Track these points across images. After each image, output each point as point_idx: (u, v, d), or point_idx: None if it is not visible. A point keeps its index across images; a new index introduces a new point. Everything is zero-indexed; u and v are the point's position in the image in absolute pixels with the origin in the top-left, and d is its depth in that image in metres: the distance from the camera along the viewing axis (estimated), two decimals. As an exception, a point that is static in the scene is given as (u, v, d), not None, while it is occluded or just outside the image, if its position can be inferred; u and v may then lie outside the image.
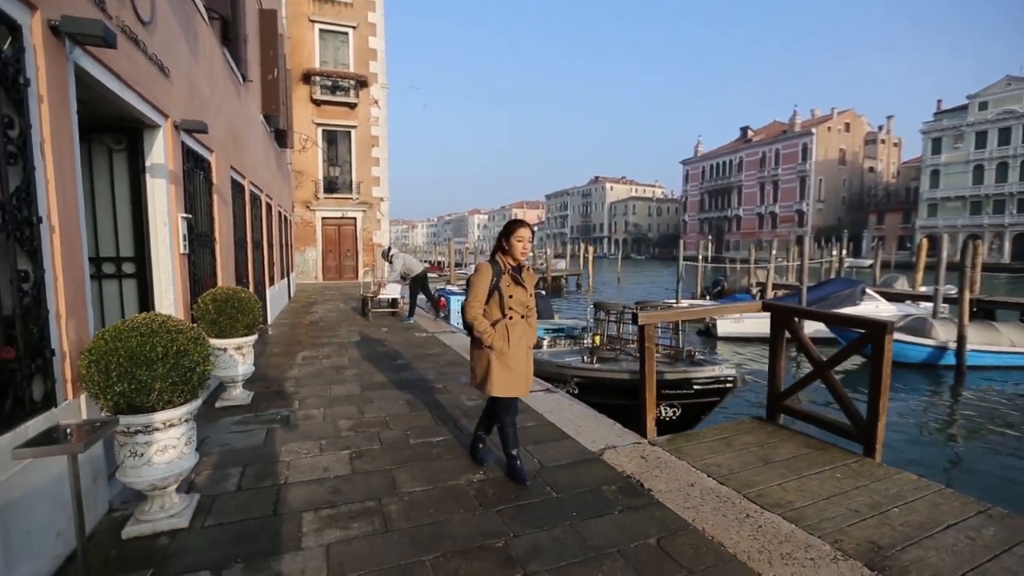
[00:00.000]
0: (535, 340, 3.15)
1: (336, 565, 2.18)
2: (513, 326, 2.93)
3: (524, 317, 3.01)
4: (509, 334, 2.91)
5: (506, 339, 2.90)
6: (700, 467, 3.23)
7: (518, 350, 2.94)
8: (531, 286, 3.03)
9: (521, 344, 2.97)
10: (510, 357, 2.91)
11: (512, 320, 2.94)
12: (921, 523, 2.62)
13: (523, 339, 2.99)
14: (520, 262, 3.00)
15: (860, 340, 3.46)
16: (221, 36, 5.91)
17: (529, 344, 3.05)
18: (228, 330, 4.12)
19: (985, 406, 9.04)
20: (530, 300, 3.03)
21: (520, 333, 2.96)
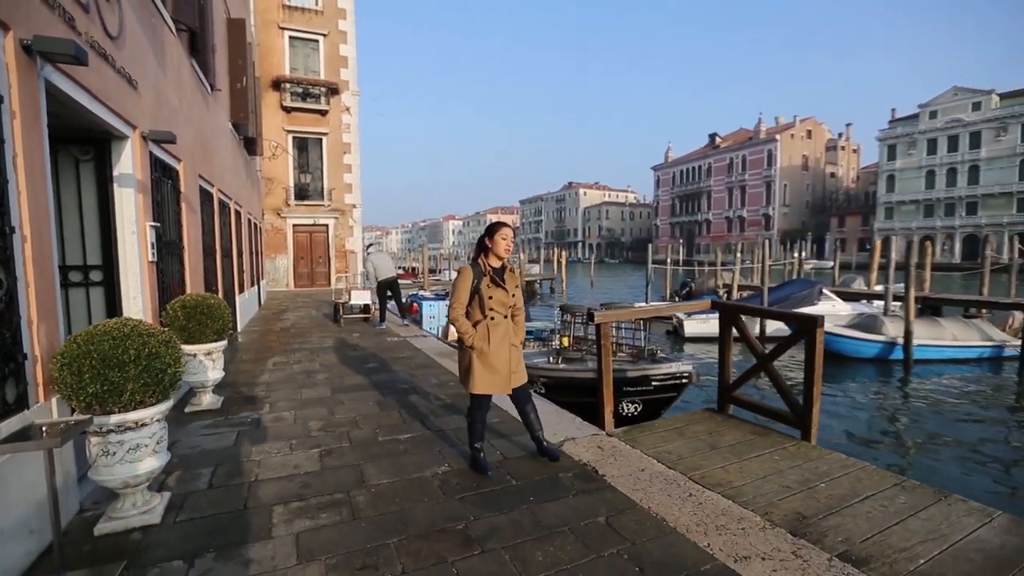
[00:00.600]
0: (522, 338, 3.25)
1: (305, 550, 2.33)
2: (495, 327, 3.03)
3: (507, 317, 3.11)
4: (490, 334, 3.02)
5: (486, 339, 3.01)
6: (652, 454, 3.47)
7: (500, 350, 3.04)
8: (512, 286, 3.12)
9: (504, 344, 3.06)
10: (491, 356, 3.02)
11: (494, 321, 3.04)
12: (843, 495, 2.90)
13: (506, 339, 3.07)
14: (504, 261, 3.12)
15: (796, 334, 3.77)
16: (189, 47, 5.97)
17: (514, 343, 3.13)
18: (198, 336, 4.19)
19: (928, 396, 9.62)
20: (513, 300, 3.11)
21: (502, 333, 3.06)
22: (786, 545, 2.38)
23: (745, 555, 2.30)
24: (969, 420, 8.34)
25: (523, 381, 3.22)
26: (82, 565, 2.21)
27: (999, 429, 8.02)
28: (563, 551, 2.32)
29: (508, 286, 3.08)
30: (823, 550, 2.35)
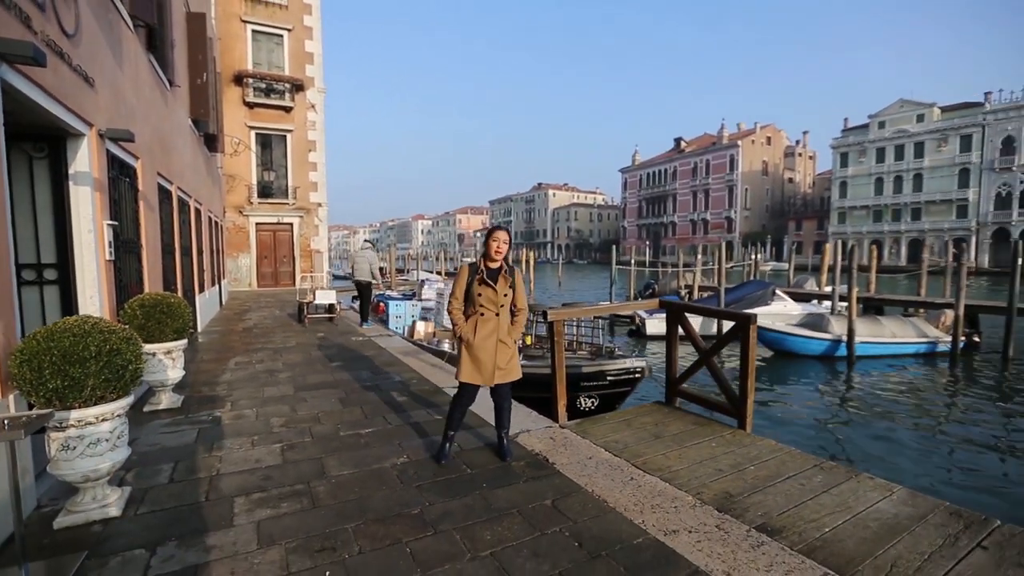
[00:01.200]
0: (516, 336, 3.38)
1: (266, 536, 2.45)
2: (484, 322, 3.24)
3: (498, 315, 3.26)
4: (477, 328, 3.23)
5: (473, 331, 3.23)
6: (600, 443, 3.71)
7: (486, 344, 3.23)
8: (504, 287, 3.26)
9: (491, 339, 3.24)
10: (476, 348, 3.23)
11: (483, 317, 3.24)
12: (768, 476, 3.20)
13: (493, 335, 3.24)
14: (497, 262, 3.27)
15: (732, 331, 4.08)
16: (147, 43, 5.89)
17: (503, 340, 3.28)
18: (157, 335, 4.20)
19: (866, 389, 10.29)
20: (502, 299, 3.25)
21: (490, 329, 3.24)
22: (712, 520, 2.64)
23: (674, 529, 2.54)
24: (899, 409, 8.98)
25: (509, 379, 3.36)
26: (42, 556, 2.27)
27: (925, 418, 8.67)
28: (510, 530, 2.51)
29: (498, 287, 3.24)
30: (743, 523, 2.62)
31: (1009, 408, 9.13)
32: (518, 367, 3.43)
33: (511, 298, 3.33)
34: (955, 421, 8.56)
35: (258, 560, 2.25)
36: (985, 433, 7.89)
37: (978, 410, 9.06)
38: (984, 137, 47.58)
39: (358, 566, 2.21)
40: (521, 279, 3.44)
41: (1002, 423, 8.44)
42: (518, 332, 3.43)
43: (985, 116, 47.54)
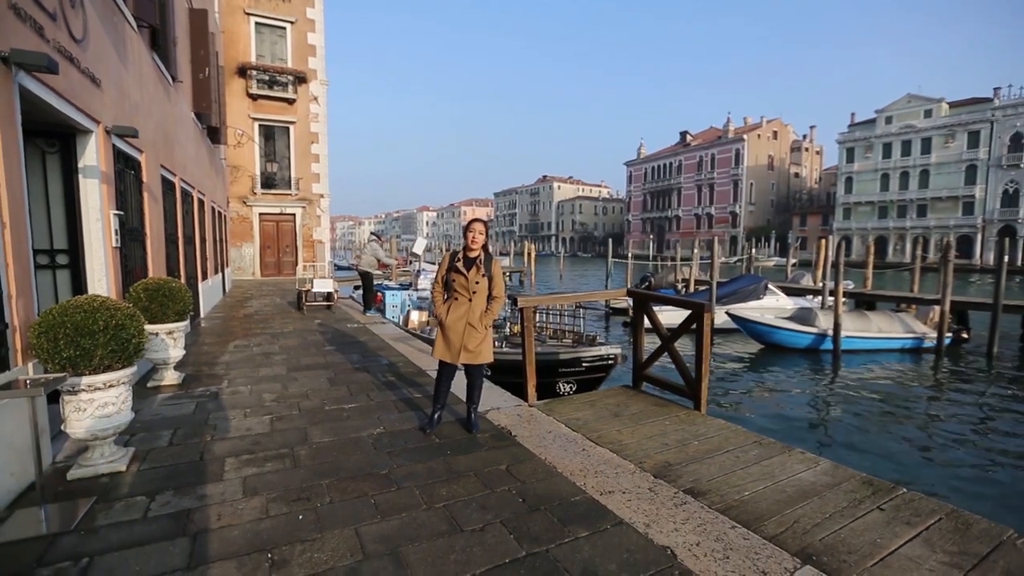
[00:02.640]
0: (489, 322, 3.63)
1: (250, 488, 2.80)
2: (456, 306, 3.58)
3: (471, 300, 3.56)
4: (450, 310, 3.59)
5: (445, 313, 3.59)
6: (562, 420, 4.04)
7: (456, 326, 3.56)
8: (476, 276, 3.55)
9: (460, 322, 3.56)
10: (447, 329, 3.58)
11: (457, 301, 3.59)
12: (708, 450, 3.53)
13: (463, 318, 3.56)
14: (475, 251, 3.57)
15: (689, 319, 4.38)
16: (150, 42, 6.21)
17: (472, 323, 3.56)
18: (160, 316, 4.55)
19: (846, 381, 10.57)
20: (474, 286, 3.54)
21: (461, 313, 3.56)
22: (646, 484, 2.98)
23: (610, 490, 2.88)
24: (872, 400, 9.26)
25: (477, 361, 3.63)
26: (58, 500, 2.64)
27: (895, 409, 8.95)
28: (464, 488, 2.85)
29: (470, 275, 3.55)
30: (674, 487, 2.95)
31: (982, 402, 9.39)
32: (488, 351, 3.67)
33: (484, 285, 3.59)
34: (923, 413, 8.84)
35: (242, 507, 2.61)
36: (949, 424, 8.17)
37: (951, 402, 9.33)
38: (992, 133, 47.20)
39: (327, 512, 2.57)
40: (499, 268, 3.73)
41: (970, 416, 8.71)
42: (490, 318, 3.67)
43: (994, 112, 47.13)
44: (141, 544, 2.27)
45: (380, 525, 2.46)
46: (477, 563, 2.16)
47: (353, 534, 2.37)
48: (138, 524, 2.45)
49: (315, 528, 2.42)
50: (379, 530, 2.41)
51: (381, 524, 2.46)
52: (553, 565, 2.17)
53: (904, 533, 2.53)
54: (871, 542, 2.45)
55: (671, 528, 2.49)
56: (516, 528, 2.45)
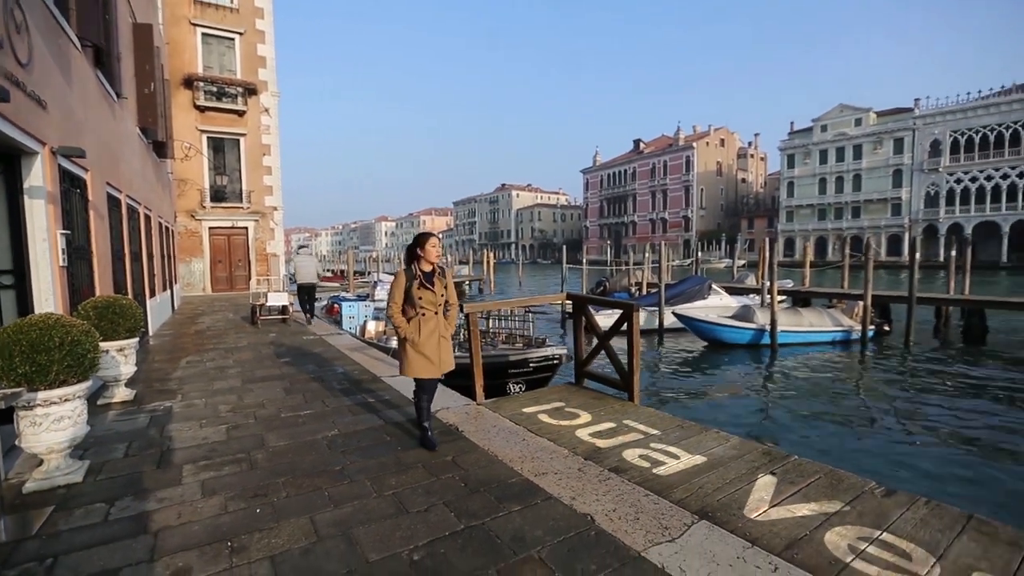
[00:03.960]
0: (452, 330, 3.75)
1: (209, 489, 2.99)
2: (425, 322, 3.56)
3: (437, 313, 3.61)
4: (421, 327, 3.55)
5: (418, 331, 3.55)
6: (507, 416, 4.38)
7: (430, 340, 3.56)
8: (441, 288, 3.63)
9: (433, 336, 3.58)
10: (422, 346, 3.55)
11: (425, 316, 3.56)
12: (636, 435, 3.93)
13: (435, 331, 3.59)
14: (433, 266, 3.63)
15: (620, 318, 4.81)
16: (94, 60, 6.21)
17: (443, 335, 3.65)
18: (110, 333, 4.60)
19: (783, 373, 11.40)
20: (440, 299, 3.61)
21: (432, 327, 3.57)
22: (576, 465, 3.34)
23: (544, 472, 3.22)
24: (802, 387, 10.07)
25: (451, 368, 3.73)
26: (16, 512, 2.75)
27: (824, 393, 9.76)
28: (412, 478, 3.14)
29: (436, 288, 3.60)
30: (600, 467, 3.32)
31: (896, 385, 10.36)
32: (453, 358, 3.81)
33: (446, 297, 3.74)
34: (844, 396, 9.68)
35: (201, 505, 2.80)
36: (864, 406, 9.02)
37: (869, 388, 10.25)
38: (914, 140, 51.16)
39: (284, 504, 2.80)
40: (451, 277, 3.94)
41: (884, 397, 9.61)
42: (453, 325, 3.89)
43: (915, 121, 51.13)
44: (104, 543, 2.44)
45: (333, 512, 2.71)
46: (420, 537, 2.46)
47: (308, 521, 2.62)
48: (99, 527, 2.60)
49: (272, 519, 2.65)
50: (332, 517, 2.66)
51: (334, 512, 2.72)
52: (487, 534, 2.49)
53: (787, 491, 2.99)
54: (759, 499, 2.89)
55: (593, 499, 2.85)
56: (457, 508, 2.75)
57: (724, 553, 2.33)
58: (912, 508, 2.79)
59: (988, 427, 7.78)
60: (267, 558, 2.30)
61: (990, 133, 46.53)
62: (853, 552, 2.39)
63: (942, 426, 7.86)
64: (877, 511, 2.76)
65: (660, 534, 2.49)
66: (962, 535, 2.53)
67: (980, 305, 14.22)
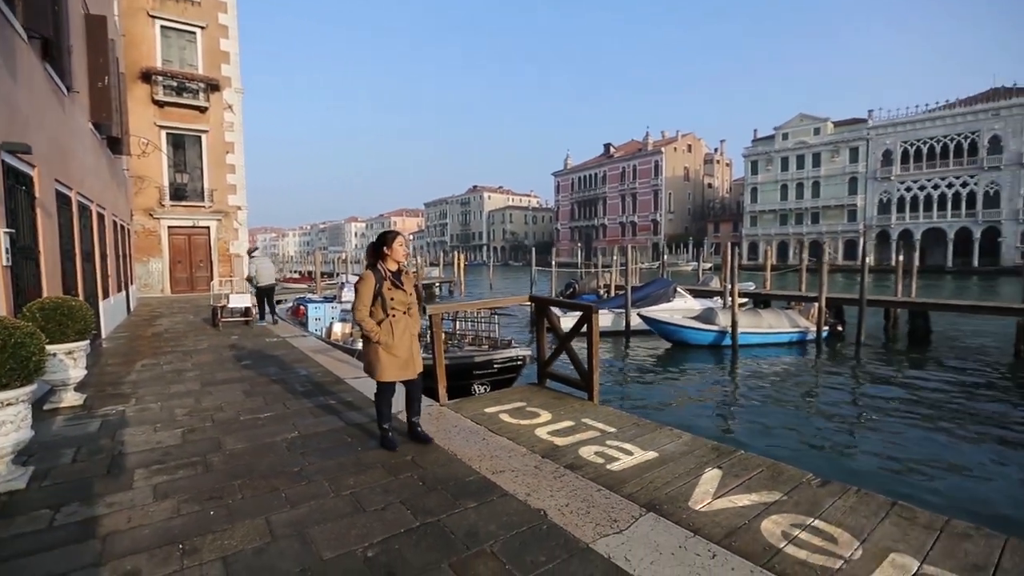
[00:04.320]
0: (418, 329, 3.72)
1: (161, 493, 2.95)
2: (396, 322, 3.49)
3: (406, 313, 3.57)
4: (393, 329, 3.47)
5: (391, 334, 3.46)
6: (468, 416, 4.44)
7: (402, 341, 3.50)
8: (410, 287, 3.59)
9: (405, 336, 3.53)
10: (395, 348, 3.47)
11: (395, 318, 3.49)
12: (592, 433, 4.05)
13: (407, 331, 3.55)
14: (400, 264, 3.56)
15: (580, 320, 4.94)
16: (42, 53, 5.98)
17: (413, 334, 3.61)
18: (58, 336, 4.44)
19: (743, 373, 11.82)
20: (410, 299, 3.57)
21: (403, 327, 3.52)
22: (533, 463, 3.43)
23: (501, 470, 3.30)
24: (760, 385, 10.47)
25: (421, 369, 3.71)
26: (-48, 520, 2.65)
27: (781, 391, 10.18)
28: (371, 477, 3.16)
29: (406, 287, 3.54)
30: (556, 464, 3.42)
31: (844, 382, 10.89)
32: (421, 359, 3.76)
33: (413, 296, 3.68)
34: (798, 393, 10.12)
35: (153, 509, 2.77)
36: (815, 403, 9.46)
37: (826, 386, 10.74)
38: (868, 149, 53.65)
39: (239, 506, 2.79)
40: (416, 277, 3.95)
41: (836, 393, 10.09)
42: (418, 325, 3.85)
43: (868, 131, 53.64)
44: (49, 549, 2.39)
45: (289, 513, 2.72)
46: (375, 535, 2.50)
47: (263, 522, 2.62)
48: (44, 533, 2.54)
49: (226, 521, 2.64)
50: (288, 517, 2.67)
51: (290, 512, 2.73)
52: (441, 530, 2.54)
53: (731, 483, 3.15)
54: (704, 491, 3.04)
55: (547, 495, 2.95)
56: (414, 505, 2.80)
57: (667, 543, 2.46)
58: (843, 496, 2.99)
59: (925, 421, 8.27)
60: (219, 559, 2.30)
61: (936, 144, 49.25)
62: (786, 538, 2.55)
63: (884, 420, 8.32)
64: (812, 500, 2.94)
65: (609, 526, 2.60)
66: (885, 520, 2.73)
67: (924, 307, 15.05)
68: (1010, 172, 45.49)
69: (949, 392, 10.02)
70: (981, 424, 8.14)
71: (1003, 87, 48.28)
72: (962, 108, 48.48)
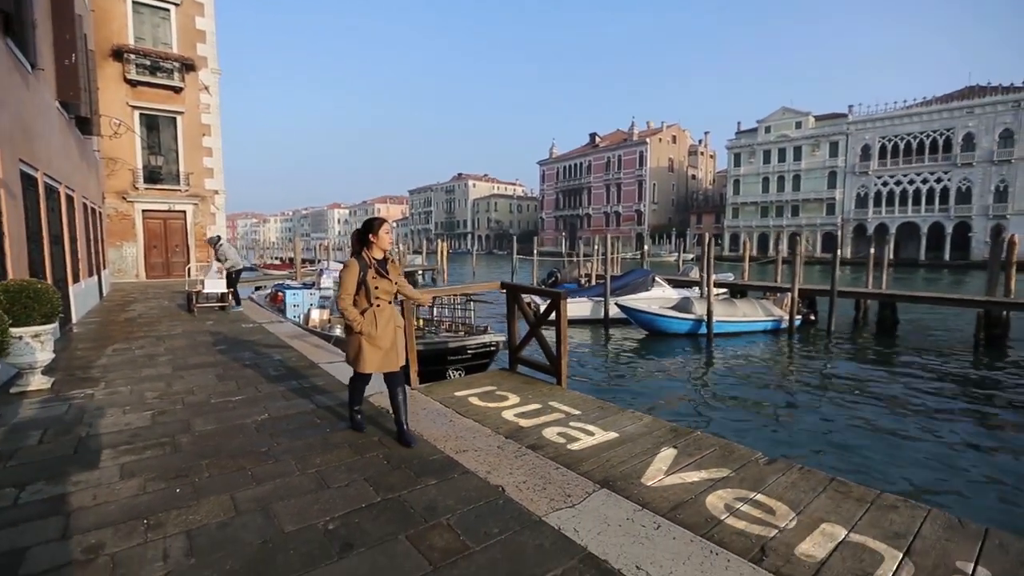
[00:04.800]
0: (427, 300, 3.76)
1: (128, 472, 3.00)
2: (380, 312, 3.36)
3: (391, 303, 3.46)
4: (376, 319, 3.34)
5: (374, 324, 3.33)
6: (438, 399, 4.54)
7: (386, 332, 3.38)
8: (396, 275, 3.47)
9: (389, 326, 3.41)
10: (378, 338, 3.35)
11: (380, 307, 3.36)
12: (557, 415, 4.19)
13: (391, 321, 3.42)
14: (386, 253, 3.45)
15: (549, 306, 5.06)
16: (3, 27, 5.82)
17: (398, 324, 3.51)
18: (23, 319, 4.42)
19: (717, 360, 12.12)
20: (395, 287, 3.46)
21: (388, 317, 3.39)
22: (496, 443, 3.55)
23: (464, 449, 3.41)
24: (732, 372, 10.77)
25: (403, 362, 3.57)
26: (-86, 499, 2.67)
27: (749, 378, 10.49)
28: (337, 457, 3.25)
29: (392, 276, 3.43)
30: (519, 444, 3.55)
31: (813, 368, 11.26)
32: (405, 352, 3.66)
33: (402, 284, 3.60)
34: (769, 381, 10.45)
35: (119, 487, 2.82)
36: (784, 387, 9.78)
37: (794, 372, 11.09)
38: (847, 144, 54.55)
39: (206, 484, 2.86)
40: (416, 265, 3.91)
41: (806, 381, 10.43)
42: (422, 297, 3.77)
43: (848, 126, 54.49)
44: (13, 524, 2.44)
45: (255, 490, 2.80)
46: (337, 509, 2.59)
47: (228, 499, 2.70)
48: (8, 510, 2.58)
49: (192, 498, 2.71)
50: (253, 494, 2.75)
51: (256, 489, 2.81)
52: (402, 505, 2.65)
53: (684, 461, 3.31)
54: (657, 469, 3.20)
55: (507, 473, 3.07)
56: (377, 482, 2.90)
57: (616, 515, 2.60)
58: (787, 473, 3.17)
59: (884, 406, 8.63)
60: (183, 532, 2.37)
61: (913, 140, 50.30)
62: (728, 511, 2.72)
63: (843, 403, 8.67)
64: (757, 476, 3.11)
65: (562, 501, 2.73)
66: (822, 494, 2.91)
67: (892, 299, 15.54)
68: (982, 169, 46.73)
69: (909, 378, 10.43)
70: (933, 408, 8.53)
71: (978, 85, 49.37)
72: (938, 105, 49.50)
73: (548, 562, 2.19)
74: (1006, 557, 2.34)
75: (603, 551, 2.28)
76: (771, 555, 2.33)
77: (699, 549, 2.32)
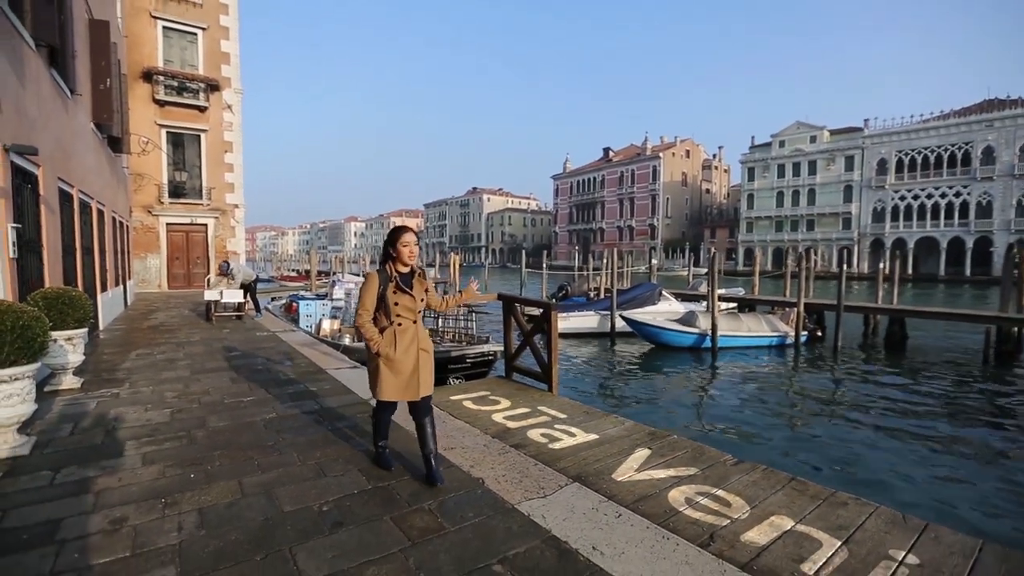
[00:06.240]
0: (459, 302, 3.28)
1: (149, 460, 3.35)
2: (402, 332, 2.98)
3: (415, 322, 3.06)
4: (397, 340, 2.97)
5: (393, 345, 2.96)
6: (434, 403, 4.82)
7: (407, 355, 2.99)
8: (421, 292, 3.06)
9: (411, 349, 3.01)
10: (397, 362, 2.97)
11: (401, 327, 2.98)
12: (544, 419, 4.46)
13: (414, 343, 3.02)
14: (411, 266, 3.05)
15: (540, 317, 5.35)
16: (48, 60, 6.38)
17: (424, 348, 3.09)
18: (59, 324, 4.83)
19: (720, 374, 12.22)
20: (420, 304, 3.06)
21: (410, 338, 3.00)
22: (483, 442, 3.83)
23: (453, 447, 3.70)
24: (736, 385, 10.87)
25: (430, 391, 3.16)
26: (-35, 479, 3.05)
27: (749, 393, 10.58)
28: (336, 450, 3.57)
29: (416, 292, 3.03)
30: (505, 444, 3.82)
31: (814, 383, 11.30)
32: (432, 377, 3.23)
33: (426, 303, 3.16)
34: (772, 396, 10.53)
35: (141, 472, 3.16)
36: (781, 401, 9.86)
37: (796, 386, 11.15)
38: (863, 158, 54.14)
39: (217, 471, 3.19)
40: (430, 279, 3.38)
41: (800, 394, 10.49)
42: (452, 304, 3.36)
43: (864, 140, 54.13)
44: (49, 500, 2.79)
45: (260, 477, 3.12)
46: (331, 494, 2.90)
47: (236, 484, 3.02)
48: (45, 489, 2.94)
49: (204, 482, 3.04)
50: (259, 480, 3.07)
51: (261, 476, 3.13)
52: (390, 492, 2.94)
53: (655, 461, 3.56)
54: (630, 468, 3.45)
55: (488, 467, 3.35)
56: (370, 473, 3.20)
57: (582, 505, 2.86)
58: (751, 473, 3.39)
59: (875, 422, 8.68)
60: (196, 510, 2.69)
61: (930, 154, 49.75)
62: (688, 504, 2.96)
63: (840, 417, 8.73)
64: (721, 475, 3.34)
65: (536, 492, 3.00)
66: (780, 492, 3.13)
67: (900, 314, 15.47)
68: (1002, 183, 45.99)
69: (913, 394, 10.43)
70: (935, 422, 8.55)
71: (997, 98, 48.79)
72: (956, 119, 49.00)
73: (513, 541, 2.46)
74: (937, 548, 2.54)
75: (565, 534, 2.54)
76: (718, 541, 2.57)
77: (653, 535, 2.57)
